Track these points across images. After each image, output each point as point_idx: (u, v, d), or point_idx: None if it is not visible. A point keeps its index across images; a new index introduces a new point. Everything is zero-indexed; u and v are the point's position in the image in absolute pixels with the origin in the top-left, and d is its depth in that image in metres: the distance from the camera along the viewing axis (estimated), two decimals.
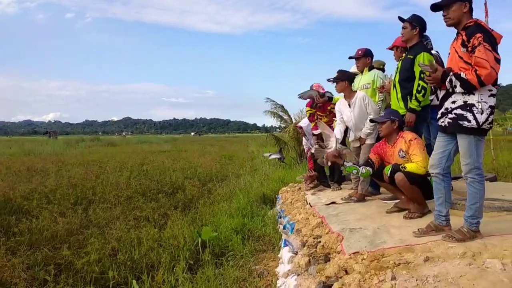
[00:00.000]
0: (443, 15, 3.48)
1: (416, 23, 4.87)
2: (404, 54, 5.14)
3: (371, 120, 5.21)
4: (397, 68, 5.17)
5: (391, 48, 5.64)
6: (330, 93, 6.67)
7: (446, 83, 3.33)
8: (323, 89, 6.62)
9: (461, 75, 3.24)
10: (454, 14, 3.41)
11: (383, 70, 6.54)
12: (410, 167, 4.31)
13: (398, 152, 4.59)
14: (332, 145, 5.01)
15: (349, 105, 5.63)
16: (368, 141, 5.58)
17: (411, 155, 4.45)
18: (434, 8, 3.54)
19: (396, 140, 4.66)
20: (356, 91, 5.72)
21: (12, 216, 7.15)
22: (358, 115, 5.58)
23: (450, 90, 3.35)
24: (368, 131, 5.53)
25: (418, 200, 4.36)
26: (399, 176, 4.30)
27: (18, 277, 4.67)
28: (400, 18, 4.95)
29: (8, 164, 14.87)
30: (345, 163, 4.77)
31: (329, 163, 5.28)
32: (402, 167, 4.34)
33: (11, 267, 4.90)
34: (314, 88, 6.63)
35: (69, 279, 4.73)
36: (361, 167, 4.71)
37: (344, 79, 5.64)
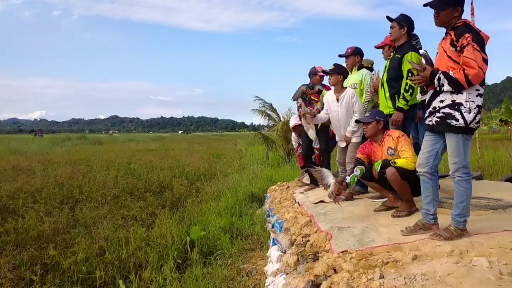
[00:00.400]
0: (434, 15, 3.50)
1: (404, 22, 4.90)
2: (392, 53, 5.16)
3: (357, 121, 5.24)
4: (385, 67, 5.20)
5: (381, 47, 5.66)
6: (321, 85, 6.63)
7: (434, 81, 3.35)
8: (323, 72, 6.57)
9: (450, 74, 3.27)
10: (446, 18, 3.44)
11: (371, 69, 6.56)
12: (400, 162, 4.34)
13: (386, 150, 4.62)
14: (329, 180, 4.90)
15: (337, 100, 5.65)
16: (354, 140, 5.61)
17: (400, 151, 4.49)
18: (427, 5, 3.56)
19: (383, 139, 4.69)
20: (346, 87, 5.74)
21: None
22: (345, 111, 5.62)
23: (438, 89, 3.37)
24: (353, 129, 5.57)
25: (406, 197, 4.39)
26: (390, 170, 4.33)
27: (4, 277, 4.61)
28: (388, 18, 4.98)
29: None
30: (346, 180, 4.68)
31: (342, 196, 5.17)
32: (392, 162, 4.37)
33: None
34: (317, 68, 6.62)
35: (55, 279, 4.68)
36: (355, 170, 4.69)
37: (340, 72, 5.65)
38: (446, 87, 3.29)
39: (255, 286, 4.67)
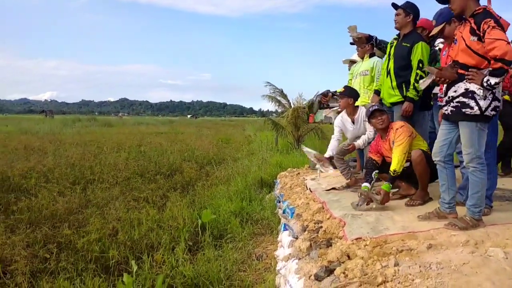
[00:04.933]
0: (449, 7, 3.50)
1: (410, 10, 4.85)
2: (396, 41, 5.09)
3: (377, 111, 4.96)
4: (389, 54, 5.12)
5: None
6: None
7: (483, 83, 3.27)
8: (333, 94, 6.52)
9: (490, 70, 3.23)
10: (457, 4, 3.42)
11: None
12: (393, 164, 4.36)
13: (391, 144, 4.58)
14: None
15: (353, 122, 5.62)
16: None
17: (395, 141, 4.46)
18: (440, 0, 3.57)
19: (388, 133, 4.65)
20: (358, 106, 5.69)
21: (11, 194, 7.12)
22: (362, 129, 5.63)
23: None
24: (363, 144, 5.57)
25: (423, 183, 4.37)
26: (416, 152, 4.31)
27: (18, 254, 4.65)
28: (394, 5, 4.93)
29: (5, 142, 14.75)
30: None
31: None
32: (393, 172, 4.36)
33: (11, 244, 4.89)
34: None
35: (70, 258, 4.74)
36: (372, 177, 4.63)
37: (350, 95, 5.60)
38: (494, 80, 3.21)
39: (265, 270, 4.71)
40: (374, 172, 4.59)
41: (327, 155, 5.92)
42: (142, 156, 12.38)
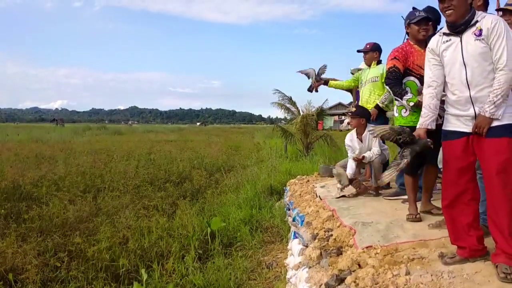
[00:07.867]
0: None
1: (431, 15, 4.81)
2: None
3: None
4: None
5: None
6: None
7: None
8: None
9: None
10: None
11: None
12: None
13: None
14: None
15: (361, 141, 5.58)
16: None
17: None
18: None
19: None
20: (367, 125, 5.65)
21: (22, 202, 7.16)
22: (367, 147, 5.57)
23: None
24: (369, 158, 5.45)
25: (429, 191, 4.32)
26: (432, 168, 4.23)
27: (29, 263, 4.69)
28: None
29: (16, 151, 14.86)
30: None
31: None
32: None
33: (22, 253, 4.93)
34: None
35: (80, 266, 4.76)
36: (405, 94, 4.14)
37: (362, 116, 5.57)
38: None
39: (276, 278, 4.69)
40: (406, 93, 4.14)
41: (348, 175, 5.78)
42: (152, 164, 12.45)
